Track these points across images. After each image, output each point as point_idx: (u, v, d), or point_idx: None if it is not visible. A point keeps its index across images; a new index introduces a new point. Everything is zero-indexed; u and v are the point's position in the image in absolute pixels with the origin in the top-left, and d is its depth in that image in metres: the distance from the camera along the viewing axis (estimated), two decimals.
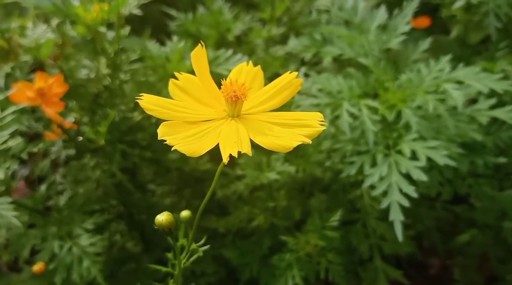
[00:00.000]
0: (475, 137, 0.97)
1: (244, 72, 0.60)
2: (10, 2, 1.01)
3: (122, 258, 1.16)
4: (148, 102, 0.52)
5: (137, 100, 0.51)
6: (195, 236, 0.65)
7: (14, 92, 0.96)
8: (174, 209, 1.20)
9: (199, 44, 0.54)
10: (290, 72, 0.59)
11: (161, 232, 0.62)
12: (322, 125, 0.53)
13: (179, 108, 0.54)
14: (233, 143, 0.50)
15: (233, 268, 1.12)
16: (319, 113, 0.55)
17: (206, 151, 0.49)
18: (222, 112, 0.56)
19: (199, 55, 0.55)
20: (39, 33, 1.05)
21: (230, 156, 0.48)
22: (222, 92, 0.54)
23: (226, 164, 0.48)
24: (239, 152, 0.48)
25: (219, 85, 0.56)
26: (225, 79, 0.55)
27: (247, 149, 0.49)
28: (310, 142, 0.50)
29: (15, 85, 0.98)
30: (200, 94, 0.57)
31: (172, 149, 0.47)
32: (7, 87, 1.04)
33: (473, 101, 1.06)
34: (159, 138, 0.49)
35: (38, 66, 1.09)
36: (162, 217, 0.61)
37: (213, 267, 1.12)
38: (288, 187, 1.14)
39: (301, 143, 0.49)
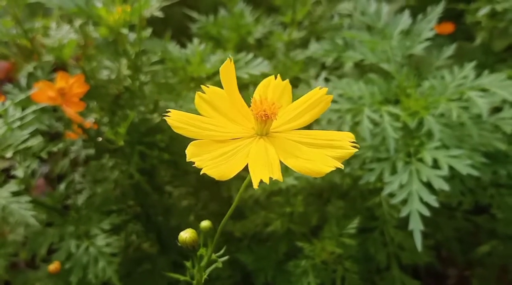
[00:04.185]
0: (498, 147, 0.95)
1: (271, 86, 0.59)
2: (34, 3, 1.03)
3: (138, 258, 1.16)
4: (175, 119, 0.51)
5: (164, 117, 0.51)
6: (212, 241, 0.65)
7: (36, 92, 0.97)
8: (190, 211, 1.20)
9: (228, 59, 0.53)
10: (320, 88, 0.57)
11: (177, 231, 0.61)
12: (354, 146, 0.52)
13: (206, 126, 0.53)
14: (263, 166, 0.48)
15: (248, 273, 1.11)
16: (350, 133, 0.53)
17: (235, 174, 0.48)
18: (251, 129, 0.55)
19: (228, 70, 0.54)
20: (62, 34, 1.06)
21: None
22: (252, 110, 0.53)
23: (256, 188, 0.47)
24: (271, 179, 0.47)
25: (245, 96, 0.55)
26: (253, 95, 0.54)
27: (278, 175, 0.47)
28: (343, 167, 0.49)
29: (37, 84, 0.99)
30: (227, 109, 0.56)
31: (201, 172, 0.47)
32: (29, 86, 1.05)
33: (497, 109, 1.04)
34: (187, 159, 0.48)
35: (60, 66, 1.11)
36: (186, 235, 0.60)
37: (229, 271, 1.11)
38: (306, 192, 1.13)
39: (335, 168, 0.48)
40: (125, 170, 1.08)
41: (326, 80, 1.16)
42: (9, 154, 0.87)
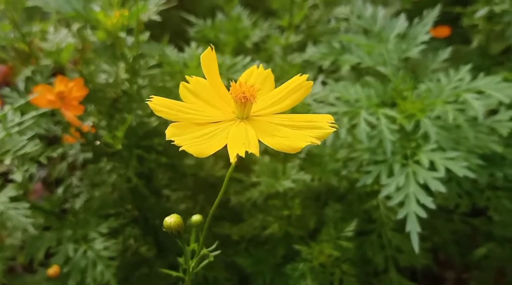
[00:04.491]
0: (495, 149, 0.95)
1: (254, 74, 0.60)
2: (32, 7, 1.03)
3: (136, 262, 1.16)
4: (157, 103, 0.52)
5: (147, 102, 0.52)
6: (207, 242, 0.65)
7: (35, 96, 0.97)
8: (188, 215, 1.20)
9: (209, 47, 0.54)
10: (301, 74, 0.58)
11: (171, 235, 0.61)
12: (332, 126, 0.52)
13: (188, 110, 0.53)
14: (241, 144, 0.49)
15: (246, 276, 1.11)
16: (329, 115, 0.54)
17: (213, 152, 0.48)
18: (231, 114, 0.56)
19: (209, 58, 0.55)
20: (60, 38, 1.06)
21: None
22: (231, 93, 0.53)
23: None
24: (246, 153, 0.47)
25: (229, 88, 0.56)
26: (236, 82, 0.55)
27: (254, 150, 0.48)
28: (319, 143, 0.49)
29: (36, 88, 0.99)
30: (210, 96, 0.57)
31: (180, 149, 0.47)
32: (27, 90, 1.05)
33: (493, 112, 1.04)
34: (167, 138, 0.49)
35: (58, 70, 1.11)
36: (171, 219, 0.61)
37: (226, 274, 1.11)
38: (303, 195, 1.13)
39: (310, 144, 0.49)
40: (123, 173, 1.08)
41: (323, 83, 1.16)
42: (8, 160, 0.87)
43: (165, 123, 1.10)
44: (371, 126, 0.96)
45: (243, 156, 0.47)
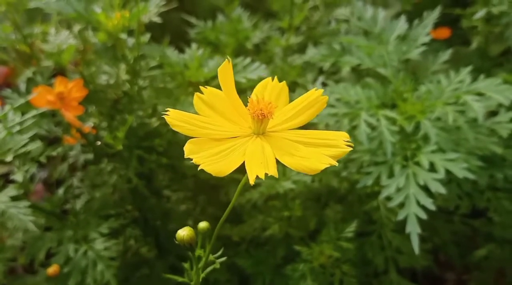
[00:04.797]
0: (495, 150, 0.96)
1: (269, 88, 0.60)
2: (33, 8, 1.03)
3: (136, 263, 1.16)
4: (174, 118, 0.52)
5: (163, 116, 0.51)
6: (207, 243, 0.65)
7: (35, 96, 0.98)
8: (188, 216, 1.20)
9: (226, 60, 0.54)
10: (316, 89, 0.58)
11: (175, 236, 0.61)
12: (348, 145, 0.52)
13: (204, 124, 0.53)
14: (259, 163, 0.49)
15: (247, 277, 1.11)
16: (345, 133, 0.54)
17: (232, 171, 0.49)
18: (248, 129, 0.56)
19: (226, 71, 0.55)
20: (61, 39, 1.06)
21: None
22: (249, 109, 0.53)
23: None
24: (266, 175, 0.47)
25: (243, 99, 0.56)
26: (250, 96, 0.55)
27: (273, 171, 0.48)
28: (337, 164, 0.49)
29: (36, 89, 0.99)
30: (225, 109, 0.57)
31: (199, 168, 0.47)
32: (28, 91, 1.06)
33: (493, 113, 1.04)
34: (185, 156, 0.49)
35: (59, 71, 1.11)
36: (184, 233, 0.61)
37: (227, 276, 1.11)
38: (304, 196, 1.13)
39: (329, 166, 0.49)
40: (123, 174, 1.08)
41: (324, 84, 1.16)
42: (9, 158, 0.87)
43: (166, 124, 1.11)
44: (371, 127, 0.96)
45: (263, 178, 0.47)
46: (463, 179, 0.91)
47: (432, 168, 0.90)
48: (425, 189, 0.88)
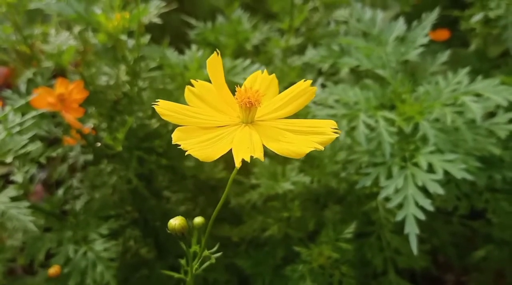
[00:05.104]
0: (493, 151, 0.96)
1: (259, 79, 0.61)
2: (33, 9, 1.04)
3: (136, 264, 1.17)
4: (164, 107, 0.53)
5: (153, 106, 0.52)
6: (208, 244, 0.65)
7: (35, 97, 0.98)
8: (188, 216, 1.20)
9: (215, 52, 0.55)
10: (305, 80, 0.59)
11: (174, 237, 0.62)
12: (335, 132, 0.53)
13: (194, 114, 0.54)
14: (246, 148, 0.50)
15: (246, 278, 1.11)
16: (332, 121, 0.55)
17: (219, 156, 0.49)
18: (236, 118, 0.57)
19: (215, 63, 0.56)
20: (61, 40, 1.07)
21: (245, 164, 0.48)
22: (236, 98, 0.54)
23: (238, 169, 0.48)
24: (251, 158, 0.48)
25: (234, 92, 0.56)
26: (240, 87, 0.55)
27: (259, 154, 0.49)
28: (323, 148, 0.50)
29: (36, 90, 1.00)
30: (215, 101, 0.58)
31: (186, 153, 0.48)
32: (28, 92, 1.06)
33: (491, 114, 1.05)
34: (173, 142, 0.49)
35: (59, 72, 1.11)
36: (175, 222, 0.61)
37: (226, 276, 1.11)
38: (303, 197, 1.13)
39: (314, 149, 0.49)
40: (123, 175, 1.08)
41: (323, 85, 1.17)
42: (9, 159, 0.87)
43: (166, 125, 1.11)
44: (370, 128, 0.96)
45: (248, 161, 0.47)
46: (461, 180, 0.92)
47: (431, 169, 0.90)
48: (424, 190, 0.88)
